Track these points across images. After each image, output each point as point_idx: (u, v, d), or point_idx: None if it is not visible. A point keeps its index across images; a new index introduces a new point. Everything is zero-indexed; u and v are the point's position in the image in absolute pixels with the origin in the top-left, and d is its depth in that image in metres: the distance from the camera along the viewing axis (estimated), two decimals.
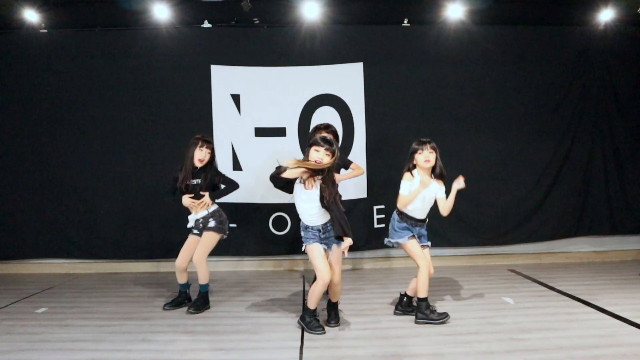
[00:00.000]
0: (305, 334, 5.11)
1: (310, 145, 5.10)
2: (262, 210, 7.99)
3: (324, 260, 5.12)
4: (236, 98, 8.11)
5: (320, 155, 5.00)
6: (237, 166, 8.00)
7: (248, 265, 8.17)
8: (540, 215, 8.32)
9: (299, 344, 4.89)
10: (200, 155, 5.96)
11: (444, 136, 8.11)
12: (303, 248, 5.27)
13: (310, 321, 5.21)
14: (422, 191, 5.48)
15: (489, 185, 8.23)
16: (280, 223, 8.06)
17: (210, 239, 6.04)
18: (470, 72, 8.24)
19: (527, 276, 7.40)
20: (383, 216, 7.96)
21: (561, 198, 8.34)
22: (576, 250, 8.52)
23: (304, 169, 5.00)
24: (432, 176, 5.59)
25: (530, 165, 8.29)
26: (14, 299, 6.63)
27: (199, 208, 6.04)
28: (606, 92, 8.40)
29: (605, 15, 8.13)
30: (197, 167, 6.00)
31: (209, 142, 6.05)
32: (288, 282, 7.31)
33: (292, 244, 8.01)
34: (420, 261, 5.48)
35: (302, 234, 5.26)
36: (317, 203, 5.06)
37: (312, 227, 5.18)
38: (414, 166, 5.58)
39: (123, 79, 8.08)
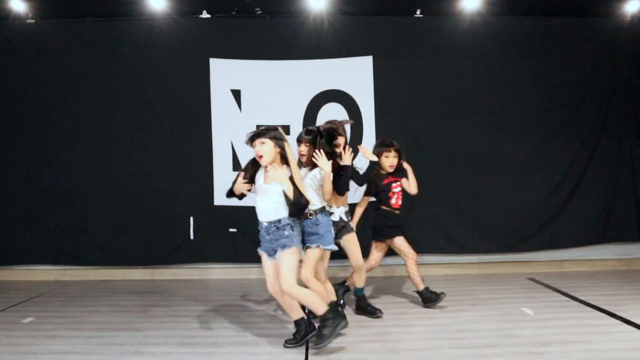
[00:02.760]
0: (310, 346, 5.11)
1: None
2: None
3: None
4: (237, 94, 8.14)
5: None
6: (237, 166, 7.99)
7: (248, 272, 8.16)
8: (563, 221, 8.29)
9: (303, 357, 4.89)
10: None
11: (458, 134, 8.13)
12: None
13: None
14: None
15: (507, 188, 8.22)
16: None
17: (356, 239, 5.97)
18: (487, 67, 8.24)
19: (548, 285, 7.38)
20: None
21: (585, 202, 8.32)
22: (600, 257, 8.48)
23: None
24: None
25: (552, 167, 8.29)
26: None
27: None
28: (633, 88, 8.39)
29: (632, 6, 8.13)
30: None
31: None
32: None
33: None
34: None
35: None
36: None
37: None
38: None
39: (116, 73, 8.11)
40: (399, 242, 6.41)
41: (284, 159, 4.99)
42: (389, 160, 6.38)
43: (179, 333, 5.59)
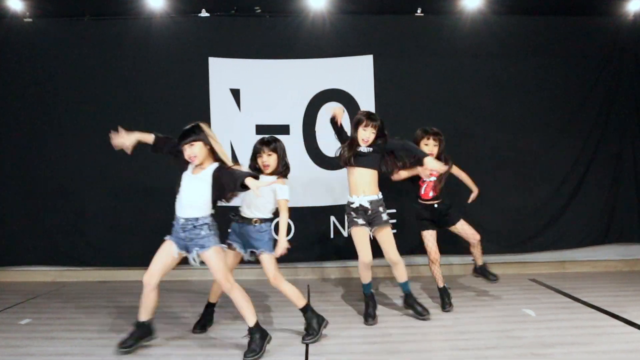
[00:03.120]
0: (310, 349, 5.12)
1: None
2: None
3: None
4: (236, 93, 8.14)
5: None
6: None
7: (247, 274, 8.15)
8: (565, 221, 8.30)
9: (303, 358, 4.89)
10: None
11: (459, 134, 8.11)
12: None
13: None
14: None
15: (508, 188, 8.23)
16: None
17: (390, 233, 5.95)
18: (489, 66, 8.25)
19: (550, 286, 7.39)
20: (395, 221, 7.95)
21: (588, 202, 8.32)
22: (603, 258, 8.49)
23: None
24: None
25: (553, 167, 8.29)
26: None
27: None
28: (636, 88, 8.39)
29: (635, 5, 8.14)
30: None
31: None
32: None
33: (296, 251, 7.99)
34: None
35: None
36: None
37: None
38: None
39: (114, 72, 8.10)
40: (424, 236, 6.53)
41: (214, 155, 5.11)
42: (428, 148, 6.36)
43: (177, 335, 5.60)
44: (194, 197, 5.07)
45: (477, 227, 8.07)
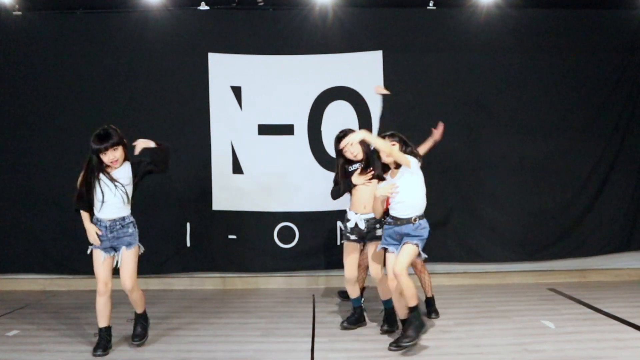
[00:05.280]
0: (316, 358, 5.10)
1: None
2: (265, 219, 7.96)
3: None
4: (237, 91, 8.13)
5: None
6: (237, 169, 7.99)
7: (249, 282, 8.15)
8: (585, 227, 8.26)
9: None
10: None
11: (474, 134, 8.11)
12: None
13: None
14: None
15: (526, 192, 8.20)
16: (286, 234, 8.04)
17: (376, 253, 5.82)
18: (505, 62, 8.22)
19: (570, 296, 7.35)
20: None
21: (609, 207, 8.28)
22: (626, 266, 8.45)
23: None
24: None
25: (574, 169, 8.25)
26: None
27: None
28: None
29: None
30: None
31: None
32: (295, 302, 7.28)
33: (300, 258, 7.98)
34: None
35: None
36: None
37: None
38: None
39: (108, 69, 8.09)
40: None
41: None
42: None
43: (174, 347, 5.58)
44: (119, 197, 5.55)
45: (492, 234, 8.09)
